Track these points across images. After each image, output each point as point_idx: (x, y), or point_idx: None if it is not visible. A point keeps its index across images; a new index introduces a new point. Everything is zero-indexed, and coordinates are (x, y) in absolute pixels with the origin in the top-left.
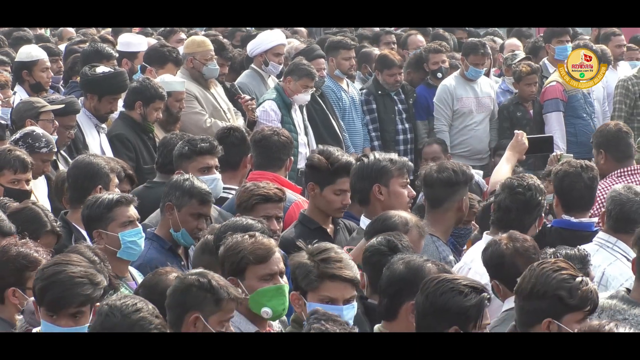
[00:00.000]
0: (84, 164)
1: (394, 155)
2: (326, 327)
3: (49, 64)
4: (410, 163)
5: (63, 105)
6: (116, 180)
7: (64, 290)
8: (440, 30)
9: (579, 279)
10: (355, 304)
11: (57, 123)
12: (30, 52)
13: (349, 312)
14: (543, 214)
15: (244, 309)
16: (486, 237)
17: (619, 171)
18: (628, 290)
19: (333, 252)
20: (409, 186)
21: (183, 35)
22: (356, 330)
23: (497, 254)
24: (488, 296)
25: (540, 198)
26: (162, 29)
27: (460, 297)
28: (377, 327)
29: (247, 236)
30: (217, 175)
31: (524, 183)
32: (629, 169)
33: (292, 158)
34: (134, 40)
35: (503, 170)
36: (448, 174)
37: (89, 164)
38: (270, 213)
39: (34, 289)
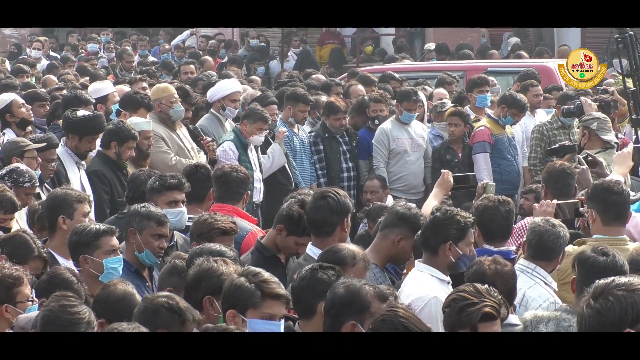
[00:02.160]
0: (51, 196)
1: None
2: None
3: (22, 100)
4: (348, 201)
5: (45, 144)
6: (86, 209)
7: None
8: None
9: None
10: (284, 320)
11: (40, 160)
12: (2, 98)
13: (282, 327)
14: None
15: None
16: (418, 264)
17: None
18: (568, 306)
19: (267, 275)
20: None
21: (145, 84)
22: None
23: (480, 272)
24: None
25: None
26: (128, 77)
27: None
28: None
29: (221, 261)
30: (183, 208)
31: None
32: None
33: (249, 192)
34: (101, 86)
35: (431, 204)
36: (404, 209)
37: (54, 197)
38: (226, 244)
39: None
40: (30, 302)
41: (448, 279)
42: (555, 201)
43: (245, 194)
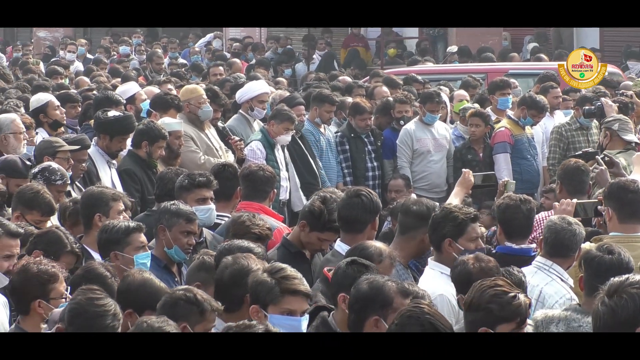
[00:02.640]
0: (87, 194)
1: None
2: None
3: (57, 103)
4: (379, 202)
5: (78, 147)
6: (120, 207)
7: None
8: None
9: (511, 294)
10: (307, 315)
11: (72, 161)
12: (39, 97)
13: (305, 323)
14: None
15: None
16: (430, 262)
17: None
18: (579, 304)
19: (289, 270)
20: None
21: (171, 86)
22: None
23: (465, 271)
24: None
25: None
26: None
27: None
28: None
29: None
30: (212, 205)
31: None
32: None
33: (275, 190)
34: (127, 87)
35: (453, 203)
36: (422, 209)
37: (90, 194)
38: None
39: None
40: (63, 300)
41: None
42: (575, 200)
43: (272, 192)
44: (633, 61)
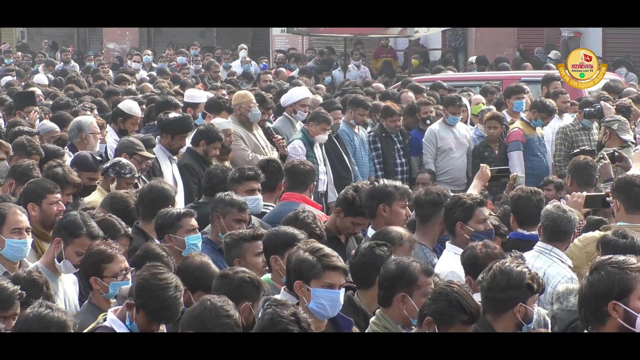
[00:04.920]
0: (158, 189)
1: (397, 183)
2: (277, 310)
3: (139, 120)
4: (409, 190)
5: (154, 157)
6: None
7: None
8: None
9: (533, 270)
10: (344, 289)
11: (143, 165)
12: (132, 107)
13: (342, 295)
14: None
15: None
16: (447, 245)
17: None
18: None
19: (327, 250)
20: (407, 207)
21: (224, 91)
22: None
23: (472, 256)
24: None
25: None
26: (215, 86)
27: None
28: (377, 312)
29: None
30: (259, 196)
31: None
32: None
33: (315, 183)
34: (196, 94)
35: (472, 193)
36: (433, 197)
37: (162, 190)
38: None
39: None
40: (116, 278)
41: None
42: (585, 193)
43: (312, 184)
44: (621, 68)
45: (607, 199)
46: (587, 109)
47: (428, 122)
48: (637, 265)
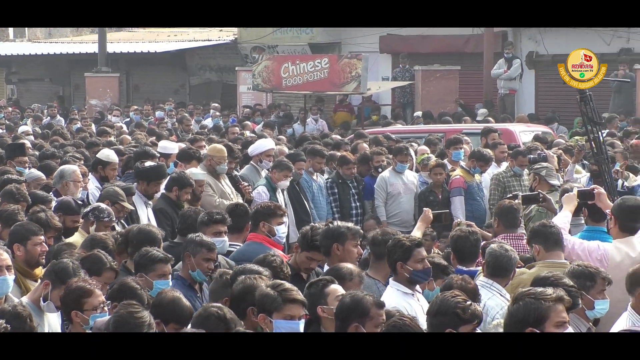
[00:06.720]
0: (146, 231)
1: (350, 224)
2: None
3: (117, 166)
4: (361, 230)
5: (132, 209)
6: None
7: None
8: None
9: (468, 302)
10: (304, 320)
11: (122, 213)
12: (109, 155)
13: (302, 325)
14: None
15: None
16: (392, 282)
17: (505, 235)
18: None
19: (287, 284)
20: (358, 246)
21: (203, 143)
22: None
23: (448, 285)
24: None
25: None
26: (189, 138)
27: None
28: None
29: (259, 278)
30: (225, 238)
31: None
32: (513, 234)
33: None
34: (169, 145)
35: (415, 235)
36: (389, 237)
37: (149, 232)
38: None
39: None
40: (96, 311)
41: (411, 291)
42: (576, 189)
43: (261, 223)
44: (554, 124)
45: (595, 191)
46: (531, 156)
47: (380, 169)
48: (552, 296)
